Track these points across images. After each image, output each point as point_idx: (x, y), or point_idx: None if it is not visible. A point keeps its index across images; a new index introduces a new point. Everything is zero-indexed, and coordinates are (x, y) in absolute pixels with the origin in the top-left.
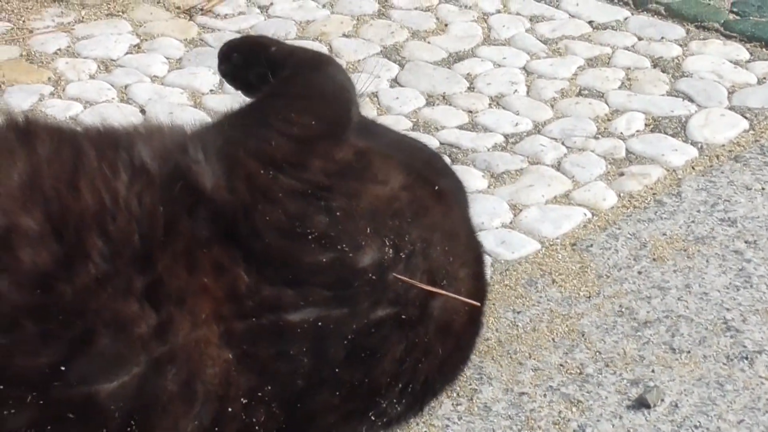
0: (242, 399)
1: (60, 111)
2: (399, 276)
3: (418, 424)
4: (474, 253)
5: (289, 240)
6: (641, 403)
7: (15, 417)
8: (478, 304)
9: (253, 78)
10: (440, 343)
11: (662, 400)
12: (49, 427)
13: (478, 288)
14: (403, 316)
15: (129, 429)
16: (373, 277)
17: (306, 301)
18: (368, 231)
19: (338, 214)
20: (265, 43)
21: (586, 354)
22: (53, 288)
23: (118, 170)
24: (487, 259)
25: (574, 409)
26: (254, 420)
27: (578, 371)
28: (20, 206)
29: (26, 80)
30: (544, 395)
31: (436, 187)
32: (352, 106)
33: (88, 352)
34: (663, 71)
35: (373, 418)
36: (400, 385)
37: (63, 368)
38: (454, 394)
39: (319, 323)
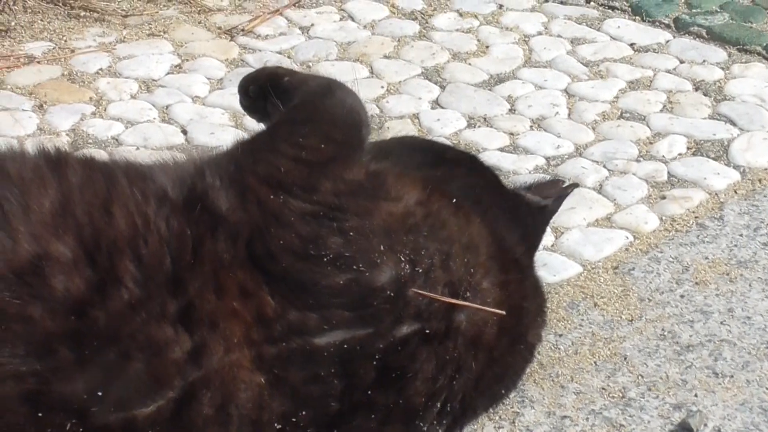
0: (276, 424)
1: (101, 131)
2: (418, 291)
3: None
4: (499, 262)
5: (305, 263)
6: (684, 428)
7: None
8: (503, 312)
9: (270, 108)
10: (472, 357)
11: (705, 425)
12: None
13: (506, 296)
14: (428, 331)
15: None
16: (392, 294)
17: (329, 323)
18: (383, 249)
19: (351, 234)
20: (279, 74)
21: (629, 378)
22: (87, 314)
23: (148, 197)
24: None
25: None
26: None
27: (621, 395)
28: (52, 233)
29: (68, 100)
30: (587, 419)
31: (454, 200)
32: (363, 128)
33: (123, 377)
34: (705, 94)
35: None
36: (438, 405)
37: (100, 393)
38: (497, 417)
39: (345, 345)
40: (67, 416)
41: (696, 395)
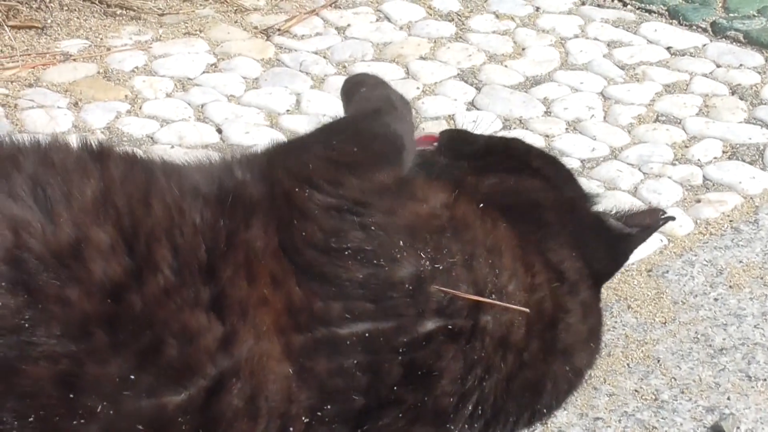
0: (303, 418)
1: (136, 129)
2: (440, 287)
3: None
4: (526, 267)
5: (327, 256)
6: (717, 431)
7: (84, 428)
8: (527, 310)
9: None
10: (501, 358)
11: (738, 428)
12: None
13: (534, 301)
14: (452, 328)
15: None
16: (411, 288)
17: (352, 314)
18: (402, 245)
19: (373, 229)
20: (362, 82)
21: (662, 380)
22: (123, 298)
23: (184, 192)
24: None
25: None
26: None
27: (653, 397)
28: (93, 219)
29: (103, 98)
30: (619, 421)
31: (480, 205)
32: (403, 152)
33: (157, 363)
34: (741, 98)
35: None
36: (470, 408)
37: (133, 377)
38: None
39: (368, 335)
40: (98, 399)
41: (729, 398)
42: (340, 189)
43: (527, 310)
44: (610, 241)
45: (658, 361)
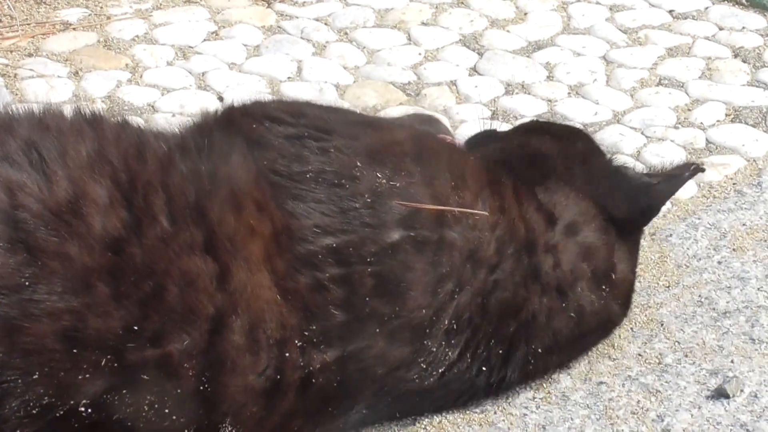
0: (296, 341)
1: (137, 98)
2: (400, 202)
3: (495, 413)
4: (493, 191)
5: (290, 180)
6: (720, 394)
7: (90, 383)
8: (485, 213)
9: None
10: (471, 273)
11: (741, 391)
12: (124, 391)
13: (504, 222)
14: (414, 236)
15: (202, 388)
16: (370, 200)
17: (321, 229)
18: (361, 165)
19: (332, 152)
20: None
21: (665, 344)
22: (123, 250)
23: (171, 147)
24: None
25: (652, 399)
26: (311, 368)
27: (657, 361)
28: (89, 176)
29: (104, 66)
30: (623, 385)
31: (449, 139)
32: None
33: (159, 310)
34: (743, 61)
35: (423, 365)
36: (445, 322)
37: (136, 328)
38: (533, 382)
39: (335, 245)
40: (102, 353)
41: (732, 361)
42: (302, 119)
43: (486, 213)
44: (629, 191)
45: (662, 324)
